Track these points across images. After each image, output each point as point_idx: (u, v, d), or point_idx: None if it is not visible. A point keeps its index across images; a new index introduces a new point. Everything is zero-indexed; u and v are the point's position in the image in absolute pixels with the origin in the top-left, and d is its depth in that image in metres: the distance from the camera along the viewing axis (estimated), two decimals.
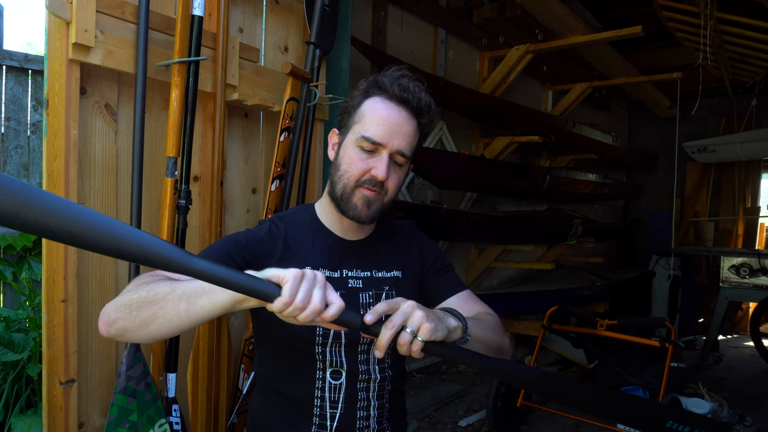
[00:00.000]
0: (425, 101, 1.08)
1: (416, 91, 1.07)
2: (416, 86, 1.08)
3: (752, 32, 3.27)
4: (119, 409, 1.37)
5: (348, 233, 1.17)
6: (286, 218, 1.17)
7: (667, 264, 4.55)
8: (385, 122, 1.05)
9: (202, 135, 1.73)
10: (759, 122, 5.45)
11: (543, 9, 3.40)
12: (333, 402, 1.10)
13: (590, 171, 4.96)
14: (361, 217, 1.08)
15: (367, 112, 1.07)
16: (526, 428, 2.95)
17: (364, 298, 1.13)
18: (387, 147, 1.05)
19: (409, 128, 1.07)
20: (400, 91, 1.06)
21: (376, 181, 1.05)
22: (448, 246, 3.98)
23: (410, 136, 1.07)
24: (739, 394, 3.56)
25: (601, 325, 2.76)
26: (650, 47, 4.87)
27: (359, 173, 1.06)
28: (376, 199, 1.07)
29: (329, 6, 1.98)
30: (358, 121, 1.08)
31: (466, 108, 3.78)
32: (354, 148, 1.07)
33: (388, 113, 1.06)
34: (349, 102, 1.13)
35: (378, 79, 1.09)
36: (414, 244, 1.24)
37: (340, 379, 1.10)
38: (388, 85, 1.06)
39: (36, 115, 2.42)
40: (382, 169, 1.04)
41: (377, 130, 1.05)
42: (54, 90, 1.36)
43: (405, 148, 1.07)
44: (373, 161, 1.05)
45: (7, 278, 2.20)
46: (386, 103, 1.07)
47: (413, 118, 1.08)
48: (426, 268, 1.24)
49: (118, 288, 1.55)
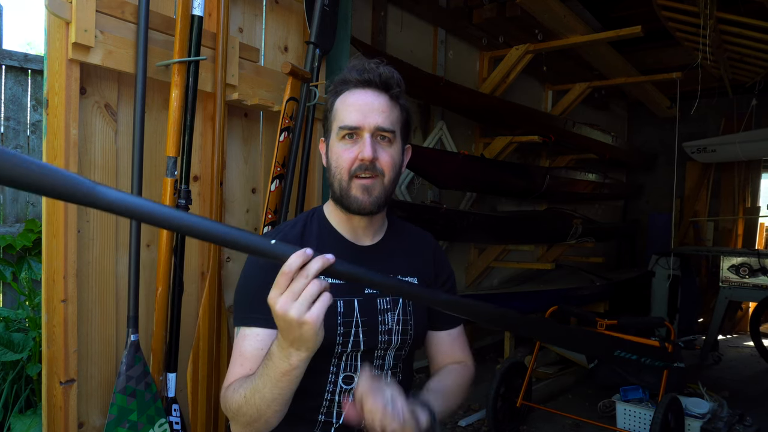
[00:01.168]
0: (386, 73, 1.08)
1: (374, 68, 1.07)
2: (373, 64, 1.08)
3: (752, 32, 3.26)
4: (119, 409, 1.37)
5: (360, 237, 1.16)
6: (296, 226, 1.15)
7: (667, 264, 4.54)
8: (354, 106, 1.06)
9: (202, 135, 1.73)
10: (759, 122, 5.45)
11: (543, 9, 3.40)
12: (340, 405, 1.10)
13: (590, 171, 4.96)
14: (365, 207, 1.06)
15: (339, 106, 1.09)
16: (525, 428, 2.95)
17: (382, 303, 1.12)
18: (365, 128, 1.05)
19: (381, 103, 1.07)
20: (359, 75, 1.07)
21: (366, 164, 1.04)
22: (448, 246, 3.98)
23: (385, 110, 1.06)
24: (739, 393, 3.56)
25: (601, 324, 2.76)
26: (650, 47, 4.87)
27: (348, 163, 1.05)
28: (374, 185, 1.06)
29: (329, 6, 1.98)
30: (334, 119, 1.09)
31: (466, 108, 3.78)
32: (337, 143, 1.07)
33: (355, 99, 1.07)
34: (326, 108, 1.14)
35: (341, 75, 1.11)
36: (431, 256, 1.24)
37: (352, 384, 1.10)
38: (349, 76, 1.08)
39: (35, 114, 2.41)
40: (367, 149, 1.03)
41: (350, 116, 1.06)
42: (54, 90, 1.36)
43: (384, 122, 1.06)
44: (356, 148, 1.05)
45: (6, 278, 2.20)
46: (352, 92, 1.08)
47: (382, 93, 1.07)
48: (437, 282, 1.23)
49: (118, 288, 1.55)
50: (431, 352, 1.25)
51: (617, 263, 6.54)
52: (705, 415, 2.73)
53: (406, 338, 1.13)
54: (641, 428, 2.71)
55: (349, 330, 1.07)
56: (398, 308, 1.13)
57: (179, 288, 1.61)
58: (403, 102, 1.11)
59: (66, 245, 1.38)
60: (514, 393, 2.83)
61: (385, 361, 1.13)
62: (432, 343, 1.23)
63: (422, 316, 1.18)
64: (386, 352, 1.12)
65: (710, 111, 5.78)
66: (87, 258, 1.48)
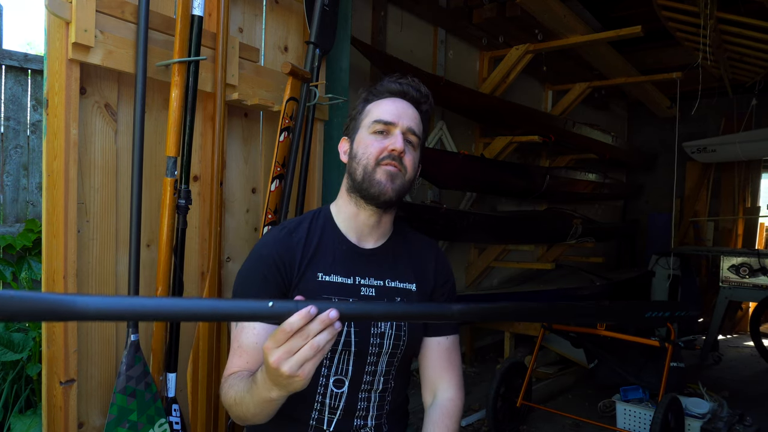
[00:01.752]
0: (423, 90, 1.17)
1: (411, 83, 1.16)
2: (410, 80, 1.17)
3: (752, 32, 3.26)
4: (119, 409, 1.37)
5: (364, 239, 1.17)
6: (302, 225, 1.16)
7: (667, 264, 4.55)
8: (390, 107, 1.13)
9: (202, 135, 1.73)
10: (759, 122, 5.45)
11: (543, 9, 3.39)
12: (332, 408, 1.10)
13: (590, 171, 4.95)
14: (387, 192, 1.09)
15: (372, 108, 1.15)
16: (525, 428, 2.95)
17: None
18: (398, 125, 1.11)
19: (413, 113, 1.14)
20: (398, 85, 1.15)
21: (395, 155, 1.09)
22: (448, 246, 3.98)
23: (416, 119, 1.14)
24: (739, 393, 3.56)
25: (601, 324, 2.76)
26: (650, 47, 4.87)
27: (378, 152, 1.10)
28: (398, 174, 1.10)
29: (329, 6, 1.98)
30: (365, 117, 1.15)
31: (466, 108, 3.78)
32: (368, 135, 1.12)
33: (391, 102, 1.14)
34: (351, 113, 1.20)
35: (376, 84, 1.17)
36: (432, 262, 1.24)
37: (343, 387, 1.10)
38: (385, 86, 1.16)
39: (35, 114, 2.41)
40: (399, 142, 1.09)
41: (386, 113, 1.12)
42: (54, 90, 1.36)
43: (415, 126, 1.13)
44: (387, 140, 1.10)
45: (6, 278, 2.20)
46: (387, 99, 1.15)
47: (414, 106, 1.15)
48: (436, 288, 1.23)
49: (118, 288, 1.55)
50: (421, 358, 1.23)
51: (617, 263, 6.54)
52: (705, 415, 2.73)
53: (399, 344, 1.13)
54: (641, 428, 2.71)
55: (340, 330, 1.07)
56: None
57: (179, 288, 1.61)
58: (427, 121, 1.19)
59: (66, 245, 1.38)
60: (514, 393, 2.83)
61: (377, 367, 1.12)
62: (424, 347, 1.21)
63: (418, 323, 1.17)
64: (379, 357, 1.11)
65: (710, 111, 5.78)
66: (87, 258, 1.48)
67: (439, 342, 1.20)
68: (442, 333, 1.21)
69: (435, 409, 1.17)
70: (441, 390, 1.20)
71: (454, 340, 1.23)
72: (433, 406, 1.18)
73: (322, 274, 1.11)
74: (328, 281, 1.10)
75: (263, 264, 1.09)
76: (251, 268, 1.11)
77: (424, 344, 1.21)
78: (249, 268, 1.12)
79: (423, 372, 1.23)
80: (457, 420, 1.18)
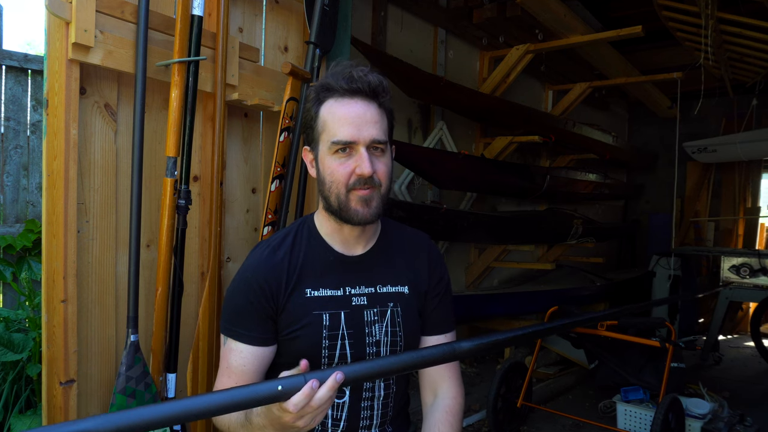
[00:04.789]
0: (375, 81, 1.04)
1: (362, 77, 1.03)
2: (360, 71, 1.04)
3: (752, 32, 3.27)
4: (119, 410, 1.37)
5: (351, 247, 1.13)
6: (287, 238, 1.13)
7: (668, 264, 4.54)
8: (347, 119, 1.02)
9: (202, 135, 1.73)
10: (759, 122, 5.45)
11: (543, 9, 3.39)
12: (335, 420, 1.10)
13: (590, 171, 4.96)
14: (366, 218, 1.05)
15: (327, 117, 1.04)
16: (526, 428, 2.94)
17: (369, 315, 1.11)
18: (360, 142, 1.02)
19: (373, 114, 1.03)
20: (348, 83, 1.03)
21: (364, 179, 1.02)
22: (448, 246, 3.98)
23: (377, 121, 1.04)
24: (740, 394, 3.56)
25: (601, 325, 2.75)
26: (650, 47, 4.87)
27: (345, 178, 1.03)
28: (372, 196, 1.04)
29: (329, 6, 1.98)
30: (322, 131, 1.05)
31: (466, 108, 3.78)
32: (330, 158, 1.04)
33: (346, 110, 1.03)
34: (305, 116, 1.10)
35: (323, 82, 1.06)
36: (425, 260, 1.21)
37: (344, 397, 1.10)
38: (335, 84, 1.04)
39: (36, 115, 2.41)
40: (365, 165, 1.01)
41: (344, 131, 1.02)
42: (54, 90, 1.36)
43: (378, 134, 1.03)
44: (352, 161, 1.02)
45: (6, 278, 2.20)
46: (340, 101, 1.04)
47: (371, 102, 1.04)
48: (431, 286, 1.20)
49: (118, 288, 1.55)
50: None
51: (617, 263, 6.54)
52: (705, 416, 2.73)
53: (396, 350, 1.12)
54: (642, 429, 2.71)
55: (334, 343, 1.07)
56: (386, 319, 1.12)
57: (179, 288, 1.61)
58: (389, 107, 1.09)
59: (66, 245, 1.38)
60: (514, 393, 2.83)
61: None
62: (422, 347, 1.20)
63: (413, 325, 1.16)
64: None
65: (711, 111, 5.78)
66: (87, 258, 1.47)
67: (437, 340, 1.20)
68: (440, 331, 1.20)
69: (438, 408, 1.16)
70: (442, 388, 1.19)
71: (452, 338, 1.23)
72: (435, 405, 1.17)
73: (310, 289, 1.09)
74: (317, 296, 1.08)
75: (249, 290, 1.07)
76: (237, 293, 1.09)
77: (423, 343, 1.20)
78: (235, 292, 1.10)
79: (423, 371, 1.22)
80: (461, 418, 1.18)
